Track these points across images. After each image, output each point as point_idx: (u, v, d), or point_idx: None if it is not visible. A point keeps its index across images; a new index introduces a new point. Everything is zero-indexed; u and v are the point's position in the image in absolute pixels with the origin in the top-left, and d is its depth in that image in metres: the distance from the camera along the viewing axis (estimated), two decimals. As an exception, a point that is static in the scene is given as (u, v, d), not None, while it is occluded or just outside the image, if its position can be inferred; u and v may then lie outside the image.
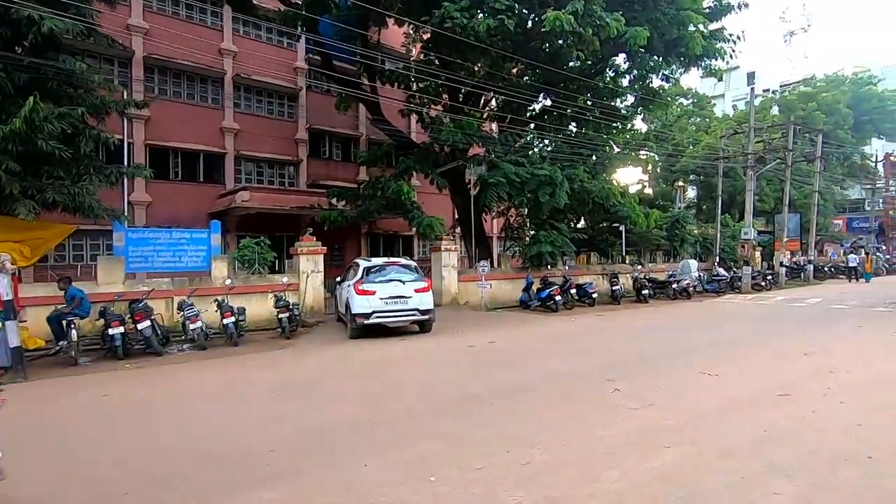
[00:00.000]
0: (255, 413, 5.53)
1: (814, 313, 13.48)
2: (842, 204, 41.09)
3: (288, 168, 22.16)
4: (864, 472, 3.70)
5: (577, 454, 4.06)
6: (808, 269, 26.17)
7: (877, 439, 4.32)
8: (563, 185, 16.80)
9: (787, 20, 77.63)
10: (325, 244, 16.79)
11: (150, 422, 5.35)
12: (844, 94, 35.59)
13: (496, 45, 15.13)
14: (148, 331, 8.84)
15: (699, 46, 16.73)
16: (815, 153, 27.45)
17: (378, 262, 10.96)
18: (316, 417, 5.29)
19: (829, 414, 5.02)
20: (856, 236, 40.81)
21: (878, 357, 7.78)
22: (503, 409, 5.34)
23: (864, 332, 10.19)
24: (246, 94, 21.04)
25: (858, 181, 39.83)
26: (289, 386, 6.77)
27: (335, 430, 4.83)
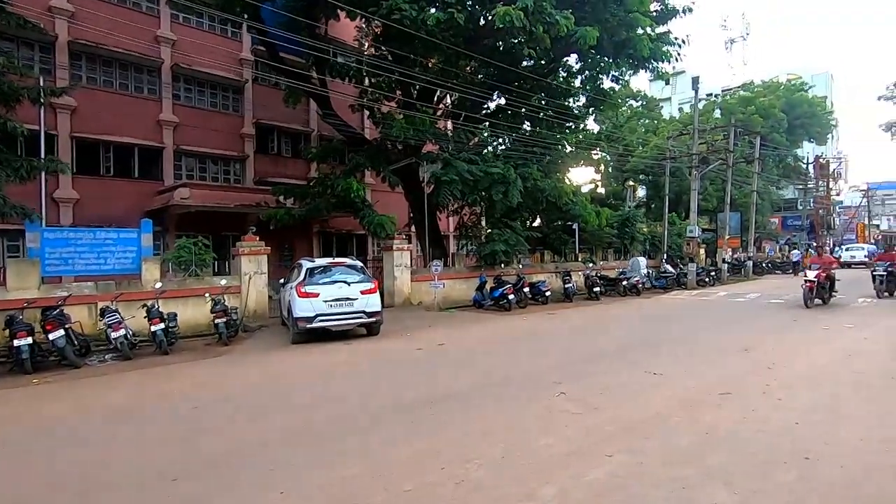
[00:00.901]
0: (168, 433, 4.99)
1: (753, 308, 14.02)
2: (777, 203, 43.57)
3: (233, 164, 21.09)
4: (800, 474, 3.66)
5: (515, 468, 3.83)
6: (747, 265, 27.46)
7: (812, 438, 4.33)
8: (516, 184, 16.77)
9: (727, 28, 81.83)
10: (275, 244, 16.02)
11: (36, 449, 4.72)
12: (779, 99, 37.66)
13: (448, 40, 14.88)
14: (61, 341, 8.00)
15: (646, 48, 17.09)
16: (754, 155, 28.87)
17: (322, 263, 10.44)
18: (235, 435, 4.82)
19: (768, 413, 5.03)
20: (790, 234, 43.42)
21: (812, 351, 8.04)
22: (442, 418, 5.07)
23: (798, 325, 10.60)
24: (186, 86, 19.84)
25: (792, 182, 42.36)
26: (215, 399, 6.22)
27: (254, 450, 4.39)
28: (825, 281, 13.49)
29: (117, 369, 8.10)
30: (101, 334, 9.64)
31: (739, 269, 27.07)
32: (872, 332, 9.57)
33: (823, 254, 16.32)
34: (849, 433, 4.43)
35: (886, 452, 4.01)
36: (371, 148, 18.05)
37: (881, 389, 5.82)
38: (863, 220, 49.96)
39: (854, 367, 6.86)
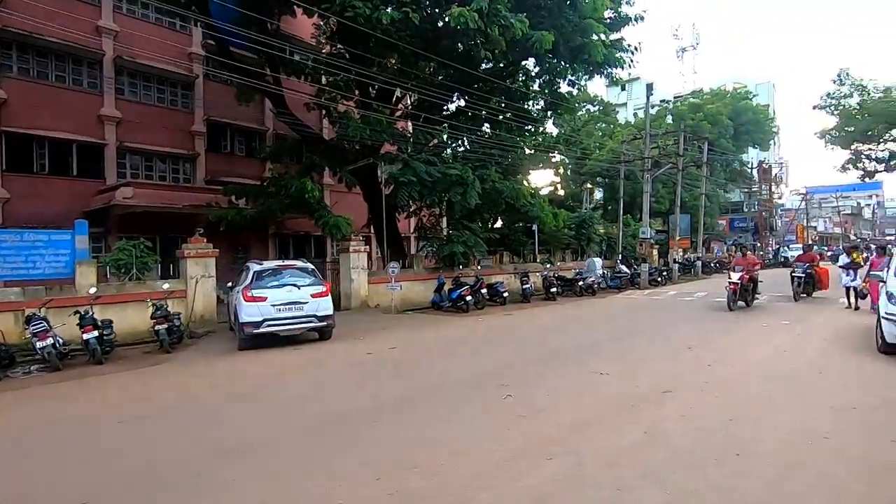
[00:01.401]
0: (84, 452, 4.63)
1: (700, 307, 14.54)
2: (725, 206, 45.68)
3: (183, 163, 20.20)
4: (730, 471, 3.74)
5: (455, 475, 3.76)
6: (697, 265, 28.59)
7: (745, 434, 4.46)
8: (474, 186, 16.80)
9: (679, 38, 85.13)
10: (228, 246, 15.41)
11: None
12: (726, 106, 39.46)
13: (405, 40, 14.76)
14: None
15: (601, 54, 17.48)
16: (703, 159, 30.11)
17: (271, 266, 10.09)
18: (157, 454, 4.51)
19: (706, 410, 5.17)
20: (737, 235, 45.55)
21: (750, 348, 8.38)
22: (384, 425, 4.94)
23: (740, 323, 11.06)
24: (131, 80, 18.86)
25: (738, 185, 44.54)
26: (143, 413, 5.85)
27: (177, 470, 4.13)
28: (748, 283, 13.30)
29: (42, 381, 7.55)
30: (27, 344, 8.98)
31: (689, 269, 28.14)
32: (804, 328, 10.09)
33: (748, 254, 15.56)
34: (778, 429, 4.60)
35: (811, 447, 4.18)
36: (328, 147, 17.68)
37: (808, 385, 6.10)
38: (802, 221, 53.06)
39: (786, 363, 7.18)
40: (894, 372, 6.55)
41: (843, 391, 5.76)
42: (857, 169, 32.34)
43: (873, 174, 33.41)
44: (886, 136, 29.36)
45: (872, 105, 27.86)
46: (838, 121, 30.13)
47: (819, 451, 4.08)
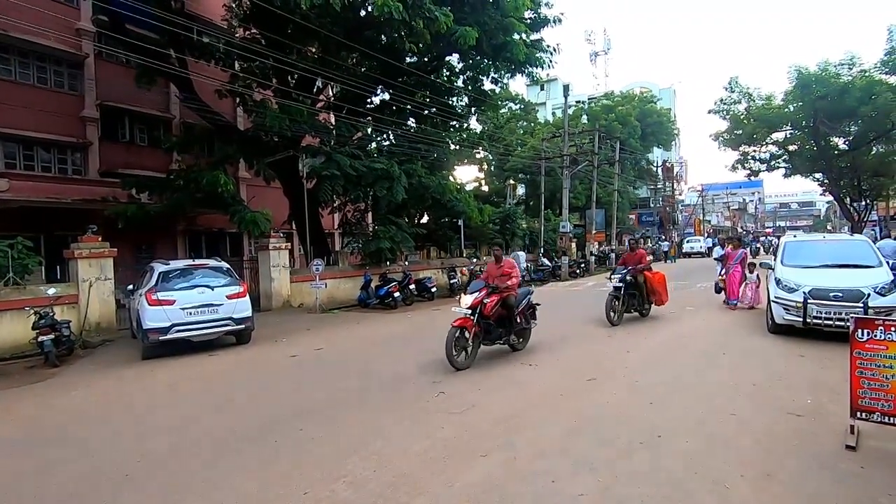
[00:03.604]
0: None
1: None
2: (634, 201, 49.10)
3: (72, 152, 17.96)
4: (653, 453, 3.91)
5: (387, 481, 3.58)
6: (611, 257, 30.41)
7: (663, 417, 4.70)
8: (400, 180, 16.56)
9: (592, 42, 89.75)
10: (130, 245, 13.89)
11: None
12: (635, 108, 42.31)
13: (326, 27, 14.15)
14: None
15: (522, 53, 17.91)
16: (615, 157, 32.05)
17: (179, 266, 9.19)
18: (35, 484, 3.91)
19: (627, 396, 5.41)
20: (645, 228, 49.15)
21: (661, 333, 8.97)
22: (311, 433, 4.64)
23: (653, 310, 11.83)
24: (3, 55, 16.43)
25: (645, 182, 48.03)
26: (18, 438, 5.06)
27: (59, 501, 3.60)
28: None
29: None
30: None
31: (604, 261, 29.90)
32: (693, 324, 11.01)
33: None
34: (693, 408, 4.90)
35: (723, 424, 4.48)
36: (243, 138, 16.57)
37: (716, 364, 6.62)
38: (699, 216, 58.42)
39: (694, 347, 7.75)
40: (783, 349, 7.30)
41: (743, 370, 6.30)
42: (745, 168, 36.05)
43: (757, 173, 37.44)
44: (767, 140, 32.98)
45: (756, 111, 31.15)
46: (729, 125, 33.34)
47: (729, 427, 4.39)
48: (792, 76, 28.20)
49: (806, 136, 31.56)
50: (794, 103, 29.30)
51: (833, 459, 3.72)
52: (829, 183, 33.76)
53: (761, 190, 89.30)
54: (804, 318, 7.53)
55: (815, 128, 29.29)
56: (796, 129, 31.40)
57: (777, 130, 32.08)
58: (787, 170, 35.25)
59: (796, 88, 28.23)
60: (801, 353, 6.98)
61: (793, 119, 30.38)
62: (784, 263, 8.70)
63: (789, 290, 7.91)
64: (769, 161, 35.05)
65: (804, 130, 30.91)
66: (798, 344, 7.48)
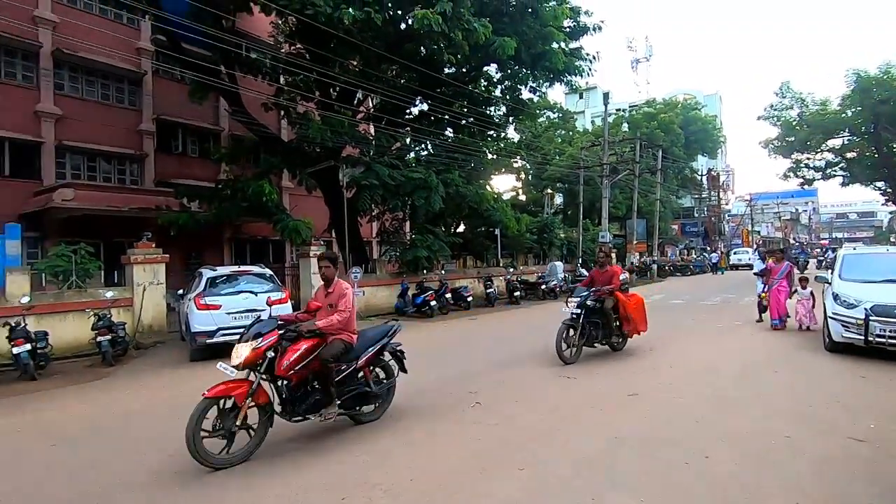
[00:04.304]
0: (11, 478, 4.18)
1: (658, 308, 14.92)
2: (677, 211, 47.62)
3: (130, 163, 19.12)
4: (698, 474, 3.74)
5: (422, 490, 3.58)
6: (653, 268, 29.56)
7: (710, 435, 4.50)
8: (438, 190, 16.70)
9: (633, 49, 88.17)
10: (181, 252, 14.57)
11: None
12: (678, 116, 41.19)
13: (368, 41, 14.52)
14: None
15: (561, 62, 17.81)
16: (657, 166, 31.22)
17: (225, 272, 9.58)
18: (83, 483, 4.12)
19: (671, 412, 5.21)
20: (688, 239, 47.52)
21: (707, 349, 8.61)
22: (348, 440, 4.70)
23: (697, 324, 11.40)
24: (72, 74, 17.71)
25: (689, 192, 46.49)
26: (79, 433, 5.37)
27: (110, 499, 3.78)
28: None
29: (-36, 401, 6.84)
30: (-52, 358, 8.16)
31: (646, 272, 29.07)
32: (758, 328, 10.49)
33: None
34: (741, 428, 4.67)
35: (775, 446, 4.25)
36: (287, 149, 17.14)
37: (767, 382, 6.29)
38: (747, 226, 55.97)
39: (742, 364, 7.40)
40: (841, 369, 6.86)
41: (798, 390, 5.96)
42: (797, 177, 34.40)
43: (811, 182, 35.63)
44: (823, 147, 31.36)
45: (810, 117, 29.71)
46: (780, 131, 31.95)
47: (782, 450, 4.15)
48: (850, 80, 26.79)
49: (866, 143, 29.83)
50: (852, 108, 27.81)
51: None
52: (893, 192, 31.67)
53: (816, 199, 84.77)
54: (865, 335, 7.07)
55: (876, 133, 27.66)
56: (855, 135, 29.73)
57: (833, 137, 30.49)
58: (844, 178, 33.38)
59: (855, 93, 26.78)
60: (863, 373, 6.55)
61: (851, 125, 28.81)
62: (843, 278, 8.20)
63: (848, 306, 7.44)
64: (824, 169, 33.30)
65: (864, 136, 29.23)
66: (858, 364, 7.02)
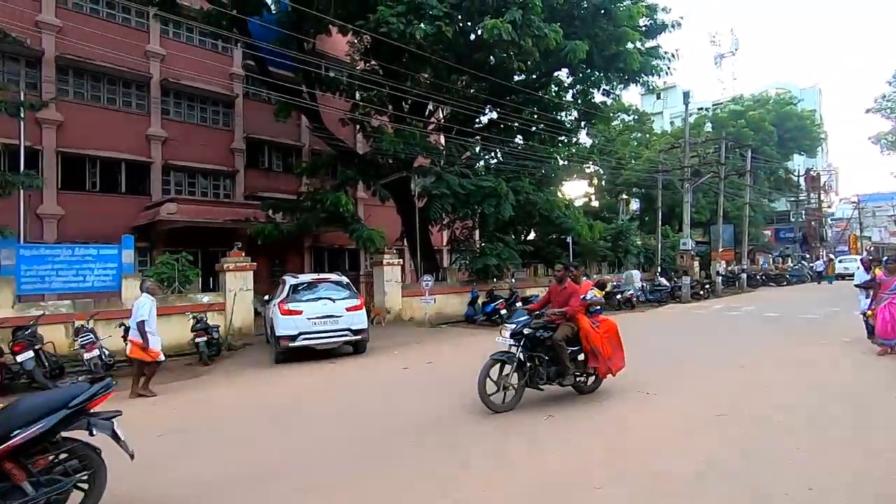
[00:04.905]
0: (127, 465, 4.65)
1: (749, 322, 13.79)
2: (770, 215, 43.74)
3: (223, 179, 20.85)
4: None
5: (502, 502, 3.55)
6: (742, 277, 27.35)
7: (815, 465, 4.07)
8: (507, 198, 16.63)
9: (717, 44, 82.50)
10: (266, 260, 15.62)
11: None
12: (769, 112, 38.02)
13: (438, 54, 14.85)
14: (29, 363, 7.66)
15: (636, 62, 17.14)
16: (745, 167, 28.95)
17: (306, 279, 10.15)
18: (182, 474, 4.50)
19: (767, 437, 4.77)
20: (784, 245, 43.48)
21: (807, 369, 7.80)
22: (423, 446, 4.76)
23: (794, 341, 10.37)
24: (176, 100, 19.68)
25: (784, 194, 42.56)
26: (184, 426, 5.89)
27: (220, 489, 4.09)
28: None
29: (89, 392, 7.74)
30: (77, 355, 9.29)
31: (734, 282, 26.95)
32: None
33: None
34: (854, 460, 4.17)
35: (885, 481, 3.76)
36: (362, 162, 17.90)
37: (885, 409, 5.58)
38: (855, 231, 50.15)
39: (851, 385, 6.62)
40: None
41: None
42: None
43: (934, 180, 31.34)
44: (948, 140, 27.54)
45: (932, 107, 26.23)
46: (894, 125, 28.47)
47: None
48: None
49: None
50: None
51: None
52: None
53: (940, 200, 74.18)
54: None
55: None
56: None
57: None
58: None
59: None
60: None
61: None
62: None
63: None
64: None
65: None
66: None
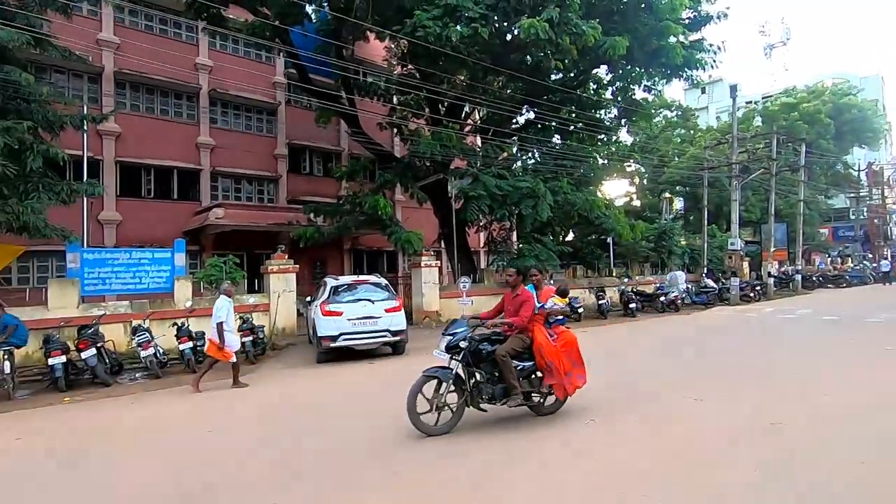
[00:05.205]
0: (176, 457, 4.90)
1: (804, 326, 13.05)
2: (827, 213, 41.27)
3: (267, 184, 21.60)
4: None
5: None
6: (796, 279, 25.94)
7: (876, 481, 3.81)
8: (545, 198, 16.41)
9: (766, 34, 78.99)
10: (307, 262, 16.07)
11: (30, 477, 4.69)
12: (825, 104, 35.91)
13: (474, 56, 14.84)
14: (93, 360, 8.16)
15: (680, 56, 16.59)
16: (799, 162, 27.46)
17: (346, 281, 10.37)
18: (238, 465, 4.67)
19: (823, 449, 4.50)
20: (842, 245, 40.93)
21: (871, 377, 7.30)
22: (457, 448, 4.75)
23: (856, 346, 9.75)
24: (223, 109, 20.56)
25: (842, 190, 40.04)
26: (230, 423, 6.13)
27: (261, 482, 4.23)
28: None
29: (144, 388, 8.20)
30: (134, 352, 9.84)
31: (787, 284, 25.60)
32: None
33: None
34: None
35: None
36: (399, 165, 18.14)
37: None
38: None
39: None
40: None
41: None
42: None
43: None
44: None
45: None
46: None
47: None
48: None
49: None
50: None
51: None
52: None
53: None
54: None
55: None
56: None
57: None
58: None
59: None
60: None
61: None
62: None
63: None
64: None
65: None
66: None
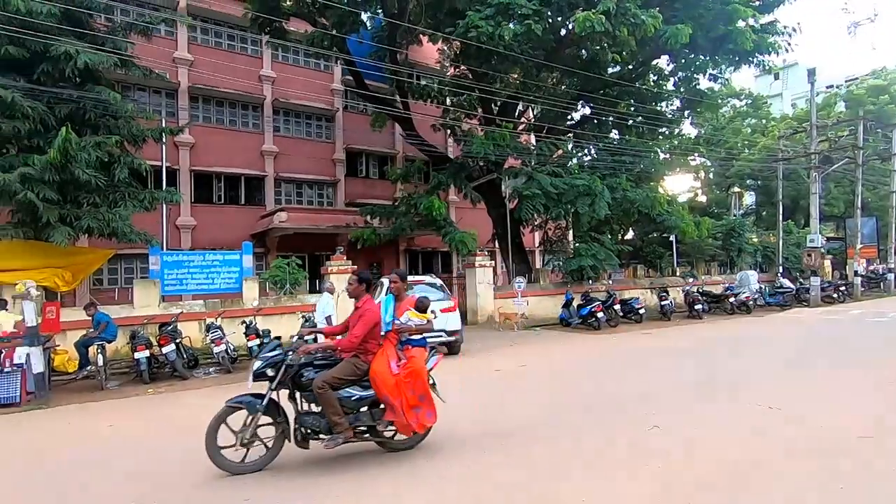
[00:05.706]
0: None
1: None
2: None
3: (326, 188, 22.43)
4: None
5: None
6: (888, 278, 23.58)
7: None
8: (603, 195, 15.95)
9: (849, 11, 72.18)
10: (364, 262, 16.53)
11: (114, 459, 5.11)
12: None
13: (527, 53, 14.68)
14: (172, 354, 8.83)
15: (749, 42, 15.56)
16: (891, 150, 24.93)
17: (402, 281, 10.54)
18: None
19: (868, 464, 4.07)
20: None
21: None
22: (511, 452, 4.70)
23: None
24: (285, 118, 21.56)
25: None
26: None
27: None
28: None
29: (217, 382, 8.75)
30: (208, 348, 10.54)
31: (878, 284, 23.35)
32: None
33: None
34: None
35: None
36: (453, 166, 18.26)
37: None
38: None
39: None
40: None
41: None
42: None
43: None
44: None
45: None
46: None
47: None
48: None
49: None
50: None
51: None
52: None
53: None
54: None
55: None
56: None
57: None
58: None
59: None
60: None
61: None
62: None
63: None
64: None
65: None
66: None
